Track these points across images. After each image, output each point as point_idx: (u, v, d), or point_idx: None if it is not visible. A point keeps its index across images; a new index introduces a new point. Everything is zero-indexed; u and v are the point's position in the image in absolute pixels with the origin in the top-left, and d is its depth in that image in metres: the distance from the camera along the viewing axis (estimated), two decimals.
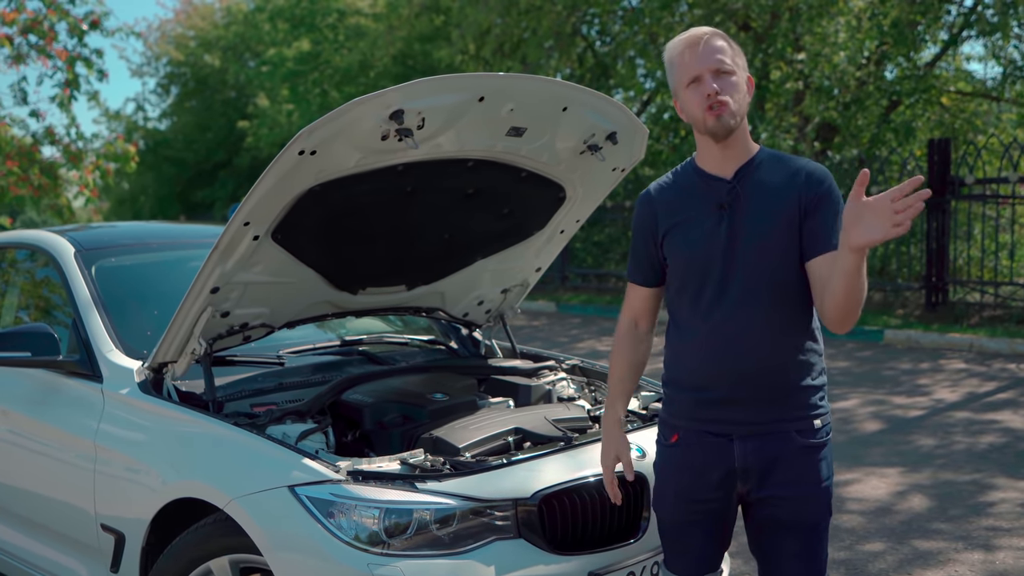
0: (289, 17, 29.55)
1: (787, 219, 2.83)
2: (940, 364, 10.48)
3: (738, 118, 2.84)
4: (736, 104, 2.82)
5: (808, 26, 15.89)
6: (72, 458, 3.83)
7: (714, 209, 2.88)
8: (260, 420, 3.48)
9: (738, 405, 2.85)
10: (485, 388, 4.28)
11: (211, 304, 3.60)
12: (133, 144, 15.64)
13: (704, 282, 2.88)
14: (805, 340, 2.89)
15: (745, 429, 2.85)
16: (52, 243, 4.56)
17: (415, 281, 4.29)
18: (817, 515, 2.90)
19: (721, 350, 2.85)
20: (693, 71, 2.83)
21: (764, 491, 2.87)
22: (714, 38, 2.85)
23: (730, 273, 2.84)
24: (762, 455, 2.84)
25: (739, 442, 2.85)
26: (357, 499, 3.03)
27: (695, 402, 2.91)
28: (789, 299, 2.86)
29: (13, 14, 14.01)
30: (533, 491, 3.18)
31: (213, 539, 3.26)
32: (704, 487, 2.91)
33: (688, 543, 2.99)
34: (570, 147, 3.89)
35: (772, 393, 2.84)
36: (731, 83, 2.82)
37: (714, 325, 2.86)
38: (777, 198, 2.84)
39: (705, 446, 2.89)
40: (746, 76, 2.90)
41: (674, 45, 2.90)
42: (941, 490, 6.11)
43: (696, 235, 2.89)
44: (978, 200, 13.19)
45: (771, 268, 2.84)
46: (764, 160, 2.91)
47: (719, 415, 2.87)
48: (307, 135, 3.17)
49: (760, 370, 2.83)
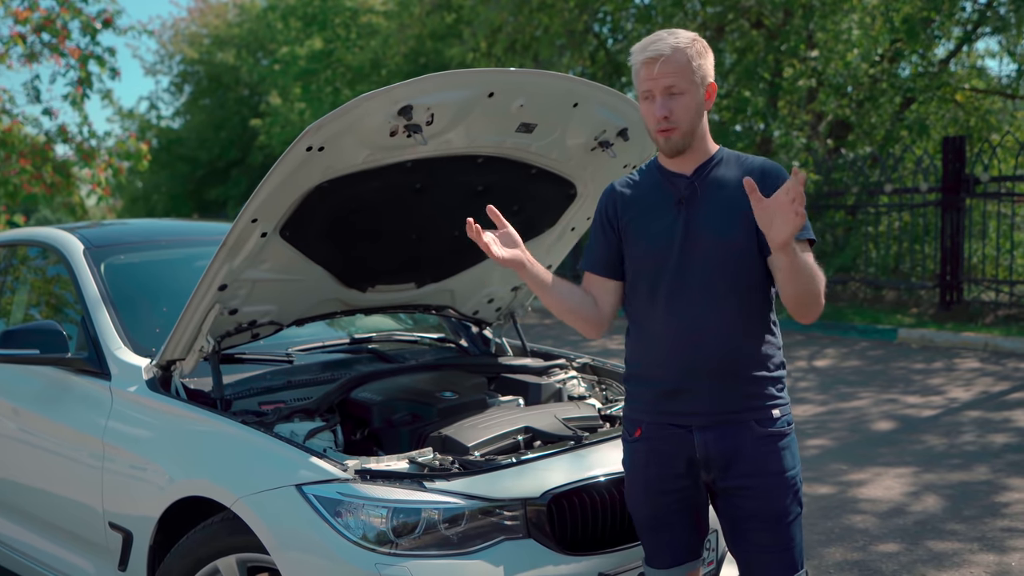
0: (302, 15, 29.55)
1: (743, 214, 2.86)
2: (954, 363, 10.41)
3: (688, 137, 2.93)
4: (686, 125, 2.90)
5: (821, 23, 15.81)
6: (80, 456, 3.81)
7: (673, 204, 2.97)
8: (268, 418, 3.46)
9: (695, 396, 2.92)
10: (495, 386, 4.26)
11: (219, 301, 3.58)
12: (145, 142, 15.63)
13: (660, 275, 2.95)
14: (762, 332, 2.97)
15: (703, 419, 2.92)
16: (61, 240, 4.55)
17: (424, 279, 4.27)
18: (782, 505, 2.94)
19: (677, 342, 2.92)
20: (646, 86, 2.92)
21: (728, 481, 2.93)
22: (674, 56, 2.87)
23: (686, 266, 2.92)
24: (721, 445, 2.90)
25: (698, 432, 2.92)
26: (365, 498, 3.00)
27: (655, 394, 2.97)
28: (745, 292, 2.93)
29: (26, 12, 14.03)
30: (543, 491, 3.16)
31: (220, 538, 3.24)
32: (671, 477, 2.97)
33: (665, 535, 3.04)
34: (581, 143, 3.87)
35: (728, 384, 2.91)
36: (680, 103, 2.89)
37: (670, 317, 2.93)
38: (734, 194, 2.90)
39: (666, 437, 2.96)
40: (705, 87, 2.93)
41: (635, 52, 2.97)
42: (955, 490, 6.06)
43: (654, 228, 2.97)
44: (993, 198, 13.10)
45: (726, 262, 2.91)
46: (723, 159, 3.01)
47: (677, 407, 2.94)
48: (315, 131, 3.15)
49: (716, 361, 2.90)
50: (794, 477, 2.96)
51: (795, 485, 2.97)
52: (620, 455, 3.44)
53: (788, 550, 2.96)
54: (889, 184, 13.89)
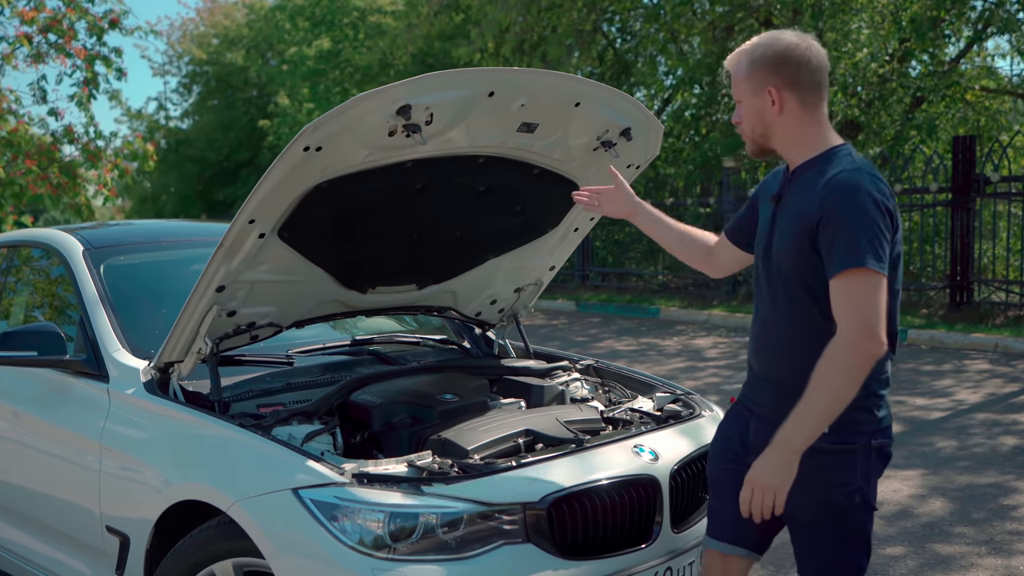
0: (310, 16, 29.57)
1: (803, 226, 2.81)
2: (964, 364, 10.35)
3: (757, 139, 2.99)
4: (748, 131, 2.99)
5: (830, 23, 15.75)
6: (78, 458, 3.78)
7: (772, 200, 3.01)
8: (266, 421, 3.42)
9: (756, 390, 3.03)
10: (497, 389, 4.21)
11: (217, 303, 3.55)
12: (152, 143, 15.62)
13: (756, 266, 3.08)
14: (812, 345, 2.77)
15: (759, 410, 3.00)
16: (61, 241, 4.52)
17: (426, 280, 4.23)
18: (822, 518, 2.86)
19: (754, 340, 3.07)
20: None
21: None
22: (730, 67, 3.00)
23: (765, 265, 2.99)
24: (763, 437, 2.87)
25: (754, 420, 3.01)
26: (361, 502, 2.96)
27: (746, 378, 3.14)
28: (804, 302, 2.85)
29: (32, 13, 14.03)
30: (542, 495, 3.11)
31: (217, 542, 3.20)
32: (729, 449, 3.10)
33: (717, 505, 3.11)
34: (583, 143, 3.82)
35: (781, 387, 2.90)
36: (740, 113, 3.00)
37: (755, 312, 3.08)
38: (804, 204, 2.82)
39: (735, 413, 3.12)
40: (762, 92, 2.90)
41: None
42: (963, 493, 6.01)
43: (760, 219, 3.08)
44: (1003, 198, 13.04)
45: (786, 268, 2.87)
46: (822, 162, 2.87)
47: (747, 393, 3.09)
48: (312, 131, 3.11)
49: (771, 364, 2.98)
50: (842, 492, 2.83)
51: (841, 501, 2.84)
52: (622, 458, 3.42)
53: (825, 563, 2.90)
54: (899, 184, 13.83)
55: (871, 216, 2.69)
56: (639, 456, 3.41)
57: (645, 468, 3.37)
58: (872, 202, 2.71)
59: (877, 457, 2.88)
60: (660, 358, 11.41)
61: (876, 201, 2.71)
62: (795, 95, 2.86)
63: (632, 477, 3.33)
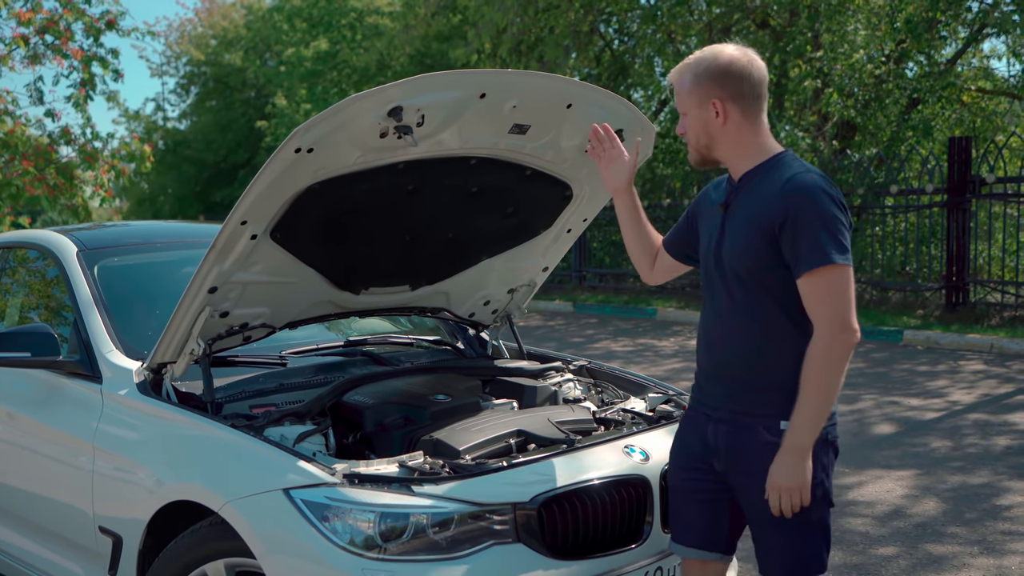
0: (307, 17, 29.57)
1: (761, 228, 2.92)
2: (959, 365, 10.36)
3: (701, 149, 3.07)
4: (693, 140, 3.07)
5: (826, 24, 15.77)
6: (71, 459, 3.79)
7: (719, 209, 3.08)
8: (258, 422, 3.43)
9: (713, 391, 3.07)
10: (490, 389, 4.22)
11: (209, 304, 3.56)
12: (148, 144, 15.62)
13: (704, 274, 3.14)
14: (779, 343, 2.95)
15: (718, 412, 3.04)
16: (55, 242, 4.53)
17: (419, 281, 4.24)
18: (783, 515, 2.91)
19: (705, 341, 3.12)
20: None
21: (733, 476, 3.02)
22: (673, 79, 3.11)
23: (717, 270, 3.04)
24: (728, 439, 3.00)
25: (712, 423, 3.05)
26: (352, 502, 2.98)
27: (696, 383, 3.17)
28: (761, 303, 2.97)
29: (29, 14, 14.02)
30: (532, 495, 3.12)
31: (208, 543, 3.21)
32: (690, 455, 3.13)
33: (686, 511, 3.15)
34: (575, 145, 3.83)
35: (740, 387, 2.99)
36: (685, 124, 3.08)
37: (705, 317, 3.14)
38: (761, 205, 2.94)
39: (691, 419, 3.15)
40: (707, 105, 3.01)
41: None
42: (956, 493, 6.02)
43: (706, 230, 3.14)
44: (999, 199, 13.05)
45: (742, 271, 2.97)
46: (771, 168, 3.00)
47: (702, 396, 3.11)
48: (303, 132, 3.12)
49: (728, 364, 3.02)
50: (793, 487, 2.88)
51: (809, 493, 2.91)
52: (614, 458, 3.43)
53: (795, 556, 2.97)
54: (895, 185, 13.84)
55: (832, 213, 2.84)
56: (630, 456, 3.43)
57: (636, 468, 3.38)
58: (831, 200, 2.86)
59: (832, 450, 3.01)
60: (656, 359, 11.42)
61: (834, 199, 2.87)
62: (737, 107, 2.99)
63: (623, 477, 3.34)
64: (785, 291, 2.91)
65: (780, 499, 2.87)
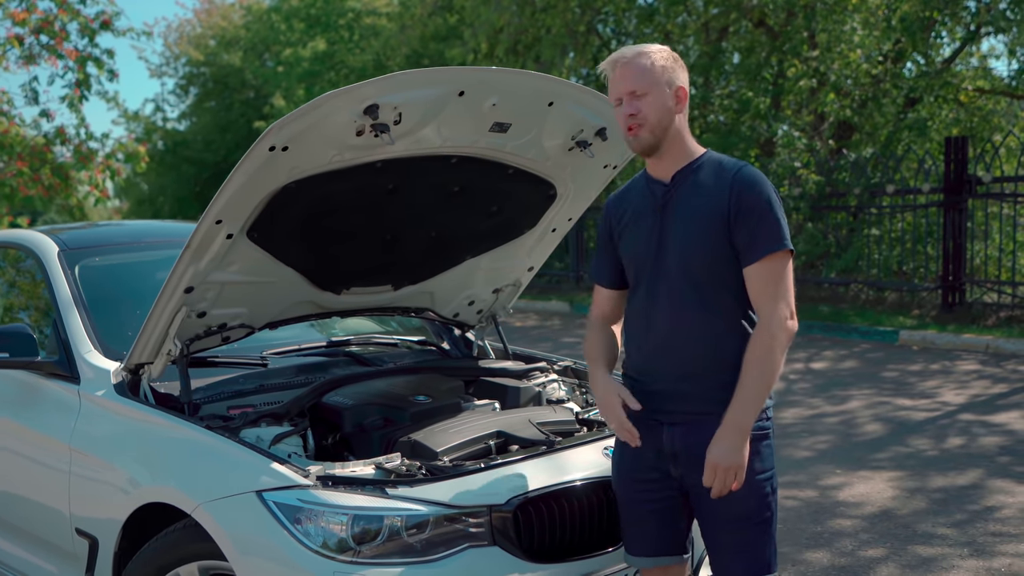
0: (304, 17, 29.54)
1: (713, 220, 2.96)
2: (954, 365, 10.32)
3: (659, 132, 2.99)
4: (653, 121, 2.97)
5: (823, 23, 15.73)
6: (48, 460, 3.77)
7: (651, 211, 3.06)
8: (234, 423, 3.40)
9: (668, 396, 3.01)
10: (473, 390, 4.19)
11: (186, 304, 3.53)
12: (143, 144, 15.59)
13: (640, 280, 3.07)
14: (733, 338, 2.99)
15: (674, 416, 3.00)
16: (37, 242, 4.50)
17: (401, 281, 4.20)
18: (746, 507, 2.95)
19: (651, 345, 3.04)
20: (614, 94, 3.04)
21: (693, 478, 2.96)
22: (634, 59, 2.99)
23: (660, 273, 3.01)
24: (687, 440, 2.97)
25: (667, 427, 3.00)
26: (325, 505, 2.95)
27: (638, 392, 3.04)
28: (715, 298, 2.99)
29: (24, 14, 14.00)
30: (508, 497, 3.09)
31: (182, 545, 3.18)
32: (643, 466, 3.06)
33: (640, 523, 3.10)
34: (558, 144, 3.80)
35: (696, 387, 2.98)
36: (646, 103, 2.96)
37: (647, 321, 3.05)
38: (708, 199, 2.98)
39: (640, 427, 3.01)
40: (673, 89, 3.00)
41: (603, 66, 3.07)
42: (946, 494, 5.99)
43: (636, 235, 3.08)
44: (995, 199, 13.00)
45: (696, 267, 2.98)
46: (705, 163, 3.06)
47: (654, 404, 3.01)
48: (277, 130, 3.09)
49: (684, 366, 2.98)
50: (763, 480, 2.97)
51: (762, 488, 2.97)
52: (595, 459, 3.40)
53: (753, 553, 2.99)
54: (891, 185, 13.80)
55: (780, 203, 2.96)
56: (609, 458, 3.39)
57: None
58: (776, 192, 2.97)
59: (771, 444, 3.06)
60: None
61: (777, 191, 2.98)
62: (685, 103, 3.04)
63: (602, 479, 3.31)
64: (737, 284, 2.97)
65: (716, 478, 2.86)
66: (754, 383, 2.86)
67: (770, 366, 2.87)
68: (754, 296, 2.93)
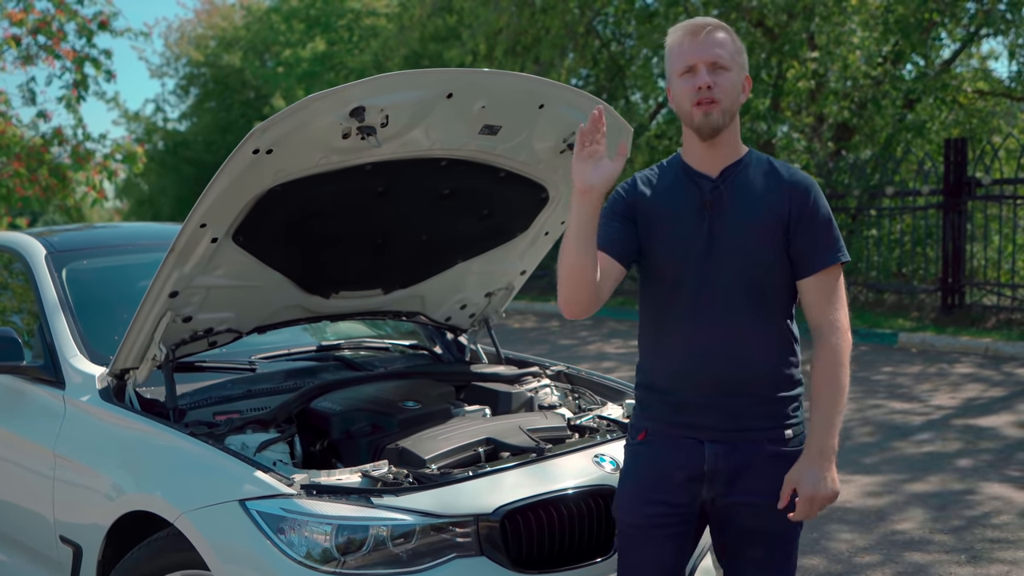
0: (304, 18, 29.51)
1: (770, 225, 2.75)
2: (953, 368, 10.26)
3: (727, 117, 2.72)
4: (727, 103, 2.71)
5: (821, 25, 15.67)
6: (33, 466, 3.72)
7: (696, 208, 2.77)
8: (219, 430, 3.36)
9: (708, 410, 2.77)
10: (464, 395, 4.14)
11: (171, 309, 3.48)
12: (141, 145, 15.55)
13: (681, 284, 2.77)
14: (782, 349, 2.83)
15: (717, 434, 2.77)
16: (24, 245, 4.46)
17: (392, 284, 4.16)
18: (784, 524, 2.81)
19: (695, 355, 2.76)
20: (689, 59, 2.70)
21: (731, 497, 2.78)
22: (717, 30, 2.73)
23: (708, 275, 2.75)
24: (731, 460, 2.76)
25: (710, 444, 2.77)
26: (309, 515, 2.90)
27: (669, 404, 2.81)
28: (767, 306, 2.79)
29: (21, 14, 13.96)
30: (495, 506, 3.04)
31: (165, 554, 3.14)
32: (666, 487, 2.80)
33: (646, 551, 2.84)
34: (549, 146, 3.75)
35: (743, 401, 2.77)
36: (726, 79, 2.69)
37: (690, 328, 2.77)
38: (762, 202, 2.76)
39: (676, 445, 2.79)
40: (744, 75, 2.77)
41: (675, 31, 2.78)
42: (942, 500, 5.93)
43: (677, 231, 2.77)
44: (995, 201, 12.95)
45: (751, 275, 2.76)
46: (752, 162, 2.82)
47: (691, 419, 2.78)
48: (260, 133, 3.05)
49: (732, 378, 2.76)
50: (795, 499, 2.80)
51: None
52: (584, 467, 3.34)
53: (782, 570, 2.90)
54: (890, 187, 13.75)
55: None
56: (600, 466, 3.35)
57: (605, 478, 3.30)
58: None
59: None
60: None
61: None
62: (748, 93, 2.80)
63: (591, 487, 3.26)
64: (788, 292, 2.81)
65: (812, 508, 2.74)
66: (833, 403, 2.76)
67: (842, 382, 2.77)
68: (814, 307, 2.78)
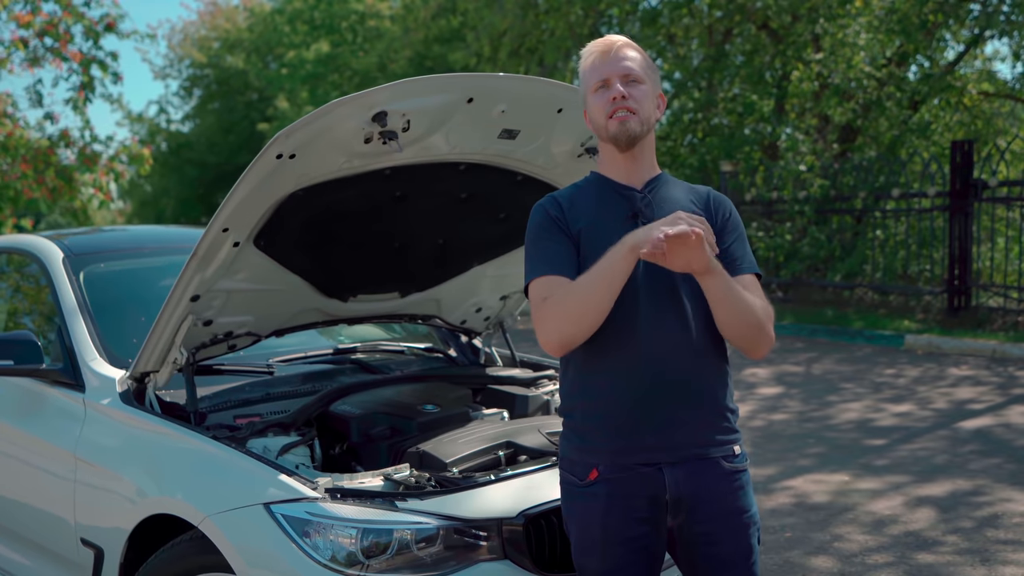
0: (308, 19, 29.54)
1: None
2: (960, 370, 10.27)
3: (644, 128, 2.71)
4: (644, 113, 2.70)
5: (826, 27, 15.69)
6: (53, 469, 3.73)
7: (626, 219, 2.70)
8: (240, 433, 3.37)
9: (665, 428, 2.63)
10: (481, 398, 4.16)
11: (192, 312, 3.50)
12: (147, 147, 15.56)
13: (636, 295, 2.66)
14: (720, 359, 2.74)
15: (673, 455, 2.64)
16: (41, 248, 4.47)
17: (409, 288, 4.18)
18: (747, 545, 2.74)
19: (644, 369, 2.63)
20: (602, 74, 2.72)
21: (696, 526, 2.68)
22: (627, 48, 2.75)
23: (648, 287, 2.65)
24: (692, 483, 2.65)
25: (668, 469, 2.64)
26: (334, 518, 2.91)
27: (616, 431, 2.64)
28: (702, 316, 2.68)
29: (28, 16, 13.98)
30: (519, 510, 3.05)
31: (188, 557, 3.15)
32: (632, 523, 2.65)
33: None
34: (567, 150, 3.77)
35: (698, 414, 2.67)
36: (640, 91, 2.71)
37: (637, 341, 2.63)
38: (692, 211, 2.71)
39: (630, 478, 2.64)
40: (658, 91, 2.79)
41: (587, 53, 2.79)
42: (952, 501, 5.94)
43: (608, 244, 2.58)
44: (1001, 203, 12.96)
45: (690, 282, 2.65)
46: (670, 180, 2.83)
47: (644, 441, 2.63)
48: (284, 138, 3.06)
49: (685, 389, 2.66)
50: (755, 515, 2.78)
51: (757, 523, 2.79)
52: None
53: None
54: (896, 188, 13.76)
55: None
56: None
57: None
58: None
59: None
60: None
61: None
62: (662, 112, 2.83)
63: None
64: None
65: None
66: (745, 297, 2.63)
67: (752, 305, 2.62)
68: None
